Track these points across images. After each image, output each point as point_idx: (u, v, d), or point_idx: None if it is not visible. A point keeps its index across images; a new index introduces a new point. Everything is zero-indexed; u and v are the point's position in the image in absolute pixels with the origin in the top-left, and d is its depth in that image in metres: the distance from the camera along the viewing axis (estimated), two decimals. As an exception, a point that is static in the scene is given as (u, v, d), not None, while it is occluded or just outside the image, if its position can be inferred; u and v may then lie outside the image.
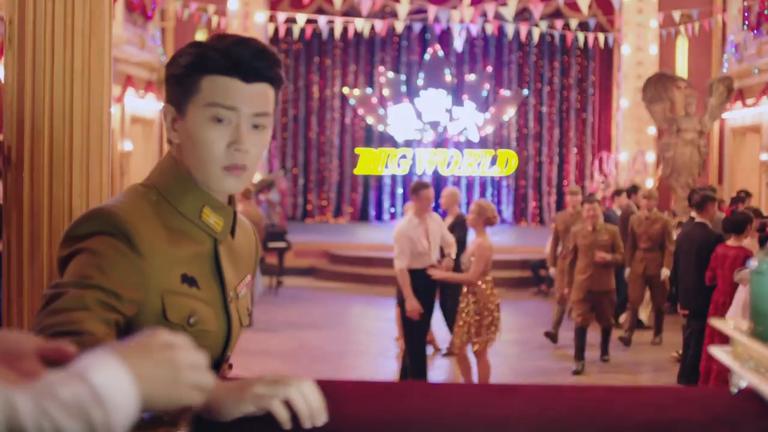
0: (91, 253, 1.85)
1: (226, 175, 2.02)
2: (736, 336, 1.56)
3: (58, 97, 2.93)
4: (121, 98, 18.32)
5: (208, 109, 1.99)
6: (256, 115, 2.02)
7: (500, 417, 1.48)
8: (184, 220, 2.04)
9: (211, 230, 2.08)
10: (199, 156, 2.02)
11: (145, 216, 1.96)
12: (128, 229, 1.89)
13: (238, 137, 1.99)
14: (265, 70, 2.02)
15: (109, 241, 1.87)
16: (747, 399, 1.50)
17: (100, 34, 3.09)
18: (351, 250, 20.19)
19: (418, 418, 1.48)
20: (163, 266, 1.95)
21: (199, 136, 2.00)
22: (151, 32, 20.02)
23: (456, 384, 2.25)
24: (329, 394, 1.59)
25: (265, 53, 2.03)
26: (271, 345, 12.07)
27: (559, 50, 26.26)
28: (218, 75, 1.99)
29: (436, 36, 24.99)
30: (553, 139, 26.75)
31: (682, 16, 20.71)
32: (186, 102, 2.02)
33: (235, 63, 1.99)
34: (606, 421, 1.46)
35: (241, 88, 2.00)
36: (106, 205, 1.98)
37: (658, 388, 1.66)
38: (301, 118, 26.79)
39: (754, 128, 19.51)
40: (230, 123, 2.00)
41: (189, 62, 2.02)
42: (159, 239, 1.96)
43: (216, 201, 2.09)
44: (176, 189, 2.06)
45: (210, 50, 2.01)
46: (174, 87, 2.05)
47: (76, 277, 1.81)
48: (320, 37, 23.66)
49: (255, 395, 1.54)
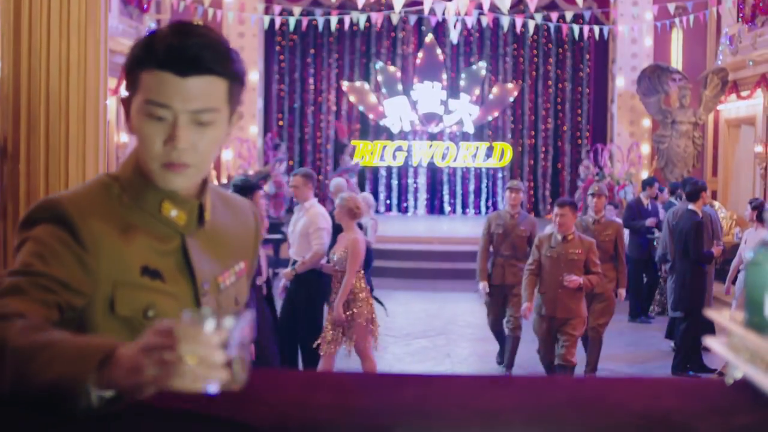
0: (34, 241, 1.85)
1: (165, 171, 1.95)
2: (731, 327, 1.57)
3: (54, 89, 2.93)
4: (116, 90, 18.24)
5: (145, 106, 1.92)
6: (197, 111, 1.92)
7: (494, 407, 1.48)
8: (144, 214, 2.00)
9: (173, 224, 2.02)
10: (141, 152, 1.98)
11: (97, 208, 1.94)
12: (73, 220, 1.87)
13: (174, 134, 1.91)
14: (207, 62, 1.91)
15: (52, 230, 1.86)
16: (742, 389, 1.51)
17: (95, 26, 3.09)
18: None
19: (412, 409, 1.48)
20: (115, 258, 1.91)
21: (139, 132, 1.95)
22: (147, 24, 19.98)
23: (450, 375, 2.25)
24: (325, 385, 1.60)
25: (204, 44, 1.91)
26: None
27: (555, 42, 26.21)
28: (155, 70, 1.90)
29: (432, 28, 24.96)
30: (549, 130, 26.73)
31: (677, 8, 20.71)
32: (130, 97, 1.97)
33: (169, 56, 1.89)
34: (600, 410, 1.47)
35: (175, 83, 1.90)
36: (58, 195, 1.97)
37: (652, 379, 1.67)
38: (296, 111, 26.75)
39: (749, 120, 19.52)
40: (167, 120, 1.92)
41: (131, 56, 1.95)
42: (110, 232, 1.92)
43: (177, 195, 2.01)
44: (135, 183, 2.01)
45: (147, 43, 1.94)
46: (126, 82, 1.99)
47: (18, 266, 1.81)
48: (316, 30, 23.61)
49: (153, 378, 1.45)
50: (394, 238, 20.76)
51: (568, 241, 8.85)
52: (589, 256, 8.85)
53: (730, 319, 1.60)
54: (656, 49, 22.22)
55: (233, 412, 1.47)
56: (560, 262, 8.83)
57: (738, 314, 1.60)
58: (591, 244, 8.94)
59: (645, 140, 21.91)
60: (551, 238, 8.98)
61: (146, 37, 1.97)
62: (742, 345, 1.53)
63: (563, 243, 8.86)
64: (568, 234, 8.86)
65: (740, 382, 1.53)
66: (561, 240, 8.87)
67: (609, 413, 1.45)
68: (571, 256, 8.81)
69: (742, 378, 1.53)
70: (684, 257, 10.54)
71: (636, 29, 21.87)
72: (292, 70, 26.55)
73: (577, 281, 8.69)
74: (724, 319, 1.62)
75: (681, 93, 19.05)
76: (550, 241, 8.97)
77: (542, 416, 1.45)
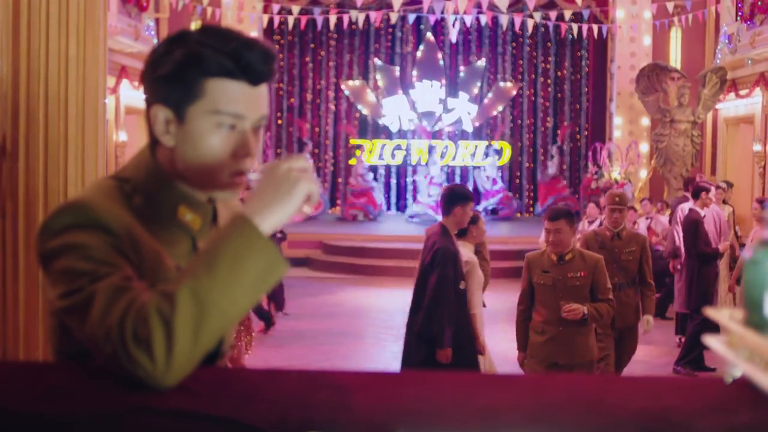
0: (72, 248, 1.78)
1: (233, 181, 1.95)
2: (731, 325, 1.57)
3: (53, 87, 2.92)
4: (115, 89, 18.26)
5: (215, 116, 1.89)
6: (261, 118, 1.95)
7: (493, 406, 1.48)
8: (159, 218, 1.97)
9: (188, 228, 2.01)
10: (204, 163, 1.92)
11: (118, 210, 1.89)
12: (103, 220, 1.82)
13: (247, 144, 1.92)
14: (270, 72, 1.93)
15: (94, 234, 1.80)
16: (741, 388, 1.51)
17: (94, 24, 3.09)
18: (345, 240, 20.20)
19: (412, 407, 1.48)
20: (152, 257, 1.90)
21: (204, 143, 1.90)
22: (146, 23, 19.97)
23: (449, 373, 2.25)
24: (324, 384, 1.60)
25: (271, 56, 1.92)
26: (265, 335, 12.08)
27: (553, 41, 26.26)
28: (224, 78, 1.88)
29: (431, 27, 24.97)
30: (547, 129, 26.75)
31: (676, 7, 20.72)
32: (186, 106, 1.90)
33: (244, 67, 1.88)
34: (600, 408, 1.47)
35: (248, 92, 1.90)
36: (81, 198, 1.90)
37: (652, 378, 1.67)
38: (295, 109, 26.76)
39: (747, 119, 19.54)
40: (235, 129, 1.91)
41: (187, 62, 1.89)
42: (140, 233, 1.90)
43: (194, 199, 2.01)
44: (151, 186, 1.98)
45: (210, 50, 1.88)
46: (167, 87, 1.91)
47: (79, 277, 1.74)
48: (315, 28, 23.62)
49: (290, 178, 1.75)
50: (392, 236, 20.79)
51: (566, 263, 6.77)
52: (597, 278, 6.74)
53: (729, 318, 1.60)
54: (655, 47, 22.23)
55: (233, 411, 1.47)
56: (557, 290, 6.74)
57: (737, 313, 1.60)
58: (597, 262, 6.79)
59: (644, 139, 21.92)
60: (543, 258, 6.90)
61: (187, 44, 1.91)
62: (741, 343, 1.53)
63: (559, 265, 6.77)
64: (566, 253, 6.79)
65: (740, 381, 1.53)
66: (557, 261, 6.79)
67: (609, 412, 1.45)
68: (572, 282, 6.73)
69: (742, 377, 1.53)
70: (690, 255, 10.72)
71: (635, 28, 21.89)
72: (290, 69, 26.59)
73: (578, 311, 6.57)
74: (723, 318, 1.62)
75: (680, 92, 19.06)
76: (542, 263, 6.89)
77: (542, 415, 1.45)
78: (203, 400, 1.54)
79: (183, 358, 1.60)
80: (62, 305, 1.76)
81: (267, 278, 1.71)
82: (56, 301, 1.76)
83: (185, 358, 1.60)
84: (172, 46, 1.92)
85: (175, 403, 1.52)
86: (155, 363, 1.58)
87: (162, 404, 1.51)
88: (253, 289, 1.69)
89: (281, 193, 1.74)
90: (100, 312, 1.67)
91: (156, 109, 1.94)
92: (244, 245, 1.68)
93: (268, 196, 1.74)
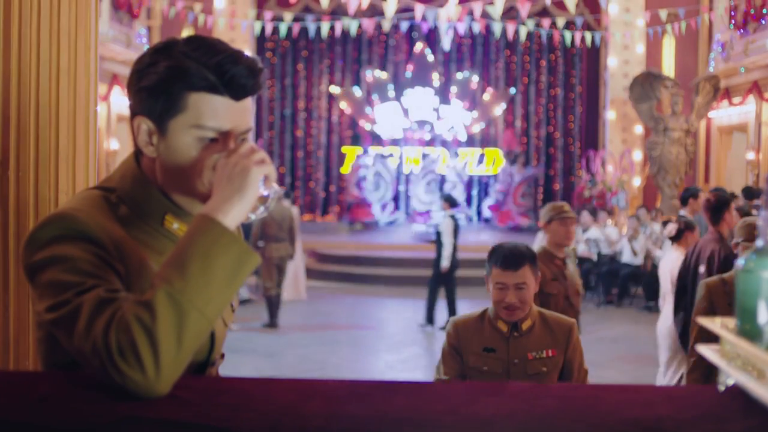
0: (59, 260, 1.77)
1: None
2: (723, 334, 1.57)
3: (44, 95, 2.91)
4: (107, 97, 18.27)
5: (196, 131, 1.89)
6: (245, 132, 1.95)
7: (488, 415, 1.48)
8: (146, 227, 1.97)
9: (174, 237, 2.00)
10: (185, 176, 1.93)
11: (105, 221, 1.88)
12: (89, 232, 1.82)
13: None
14: (255, 86, 1.92)
15: (80, 245, 1.80)
16: (734, 396, 1.51)
17: (86, 31, 3.08)
18: (338, 249, 20.19)
19: (406, 417, 1.48)
20: (137, 267, 1.89)
21: (185, 156, 1.91)
22: (138, 30, 19.97)
23: (443, 383, 2.21)
24: (316, 393, 1.59)
25: (257, 69, 1.91)
26: (258, 344, 12.06)
27: (546, 49, 26.31)
28: (207, 93, 1.87)
29: (423, 35, 25.00)
30: (541, 137, 26.78)
31: (669, 15, 20.77)
32: (167, 118, 1.90)
33: (228, 82, 1.87)
34: (593, 417, 1.46)
35: (231, 107, 1.90)
36: (68, 209, 1.89)
37: (645, 387, 1.67)
38: (287, 117, 26.77)
39: (741, 127, 19.58)
40: (218, 142, 1.91)
41: (170, 76, 1.88)
42: (128, 243, 1.89)
43: (179, 208, 2.01)
44: (138, 195, 1.98)
45: (194, 64, 1.87)
46: (149, 99, 1.91)
47: (65, 290, 1.73)
48: (307, 36, 23.63)
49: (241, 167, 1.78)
50: (384, 245, 20.78)
51: (522, 334, 4.05)
52: (570, 357, 4.09)
53: (721, 327, 1.60)
54: (648, 55, 22.28)
55: (225, 420, 1.46)
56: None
57: (730, 321, 1.60)
58: (571, 331, 4.09)
59: (637, 147, 21.96)
60: (484, 327, 4.10)
61: (171, 56, 1.90)
62: (734, 352, 1.53)
63: (513, 339, 4.04)
64: (523, 321, 4.07)
65: (732, 390, 1.53)
66: (508, 333, 4.06)
67: (601, 421, 1.45)
68: (534, 367, 4.02)
69: (735, 385, 1.53)
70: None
71: (628, 36, 21.95)
72: (283, 77, 26.61)
73: None
74: (716, 327, 1.62)
75: (673, 100, 19.10)
76: (481, 337, 4.08)
77: (535, 424, 1.45)
78: (195, 410, 1.53)
79: (170, 364, 1.61)
80: (49, 318, 1.75)
81: (239, 272, 1.74)
82: (43, 313, 1.76)
83: (172, 363, 1.61)
84: (157, 56, 1.92)
85: (167, 412, 1.51)
86: (145, 373, 1.58)
87: (153, 414, 1.50)
88: (227, 284, 1.71)
89: (236, 184, 1.77)
90: (85, 324, 1.67)
91: (139, 120, 1.94)
92: (211, 243, 1.70)
93: (225, 191, 1.78)
